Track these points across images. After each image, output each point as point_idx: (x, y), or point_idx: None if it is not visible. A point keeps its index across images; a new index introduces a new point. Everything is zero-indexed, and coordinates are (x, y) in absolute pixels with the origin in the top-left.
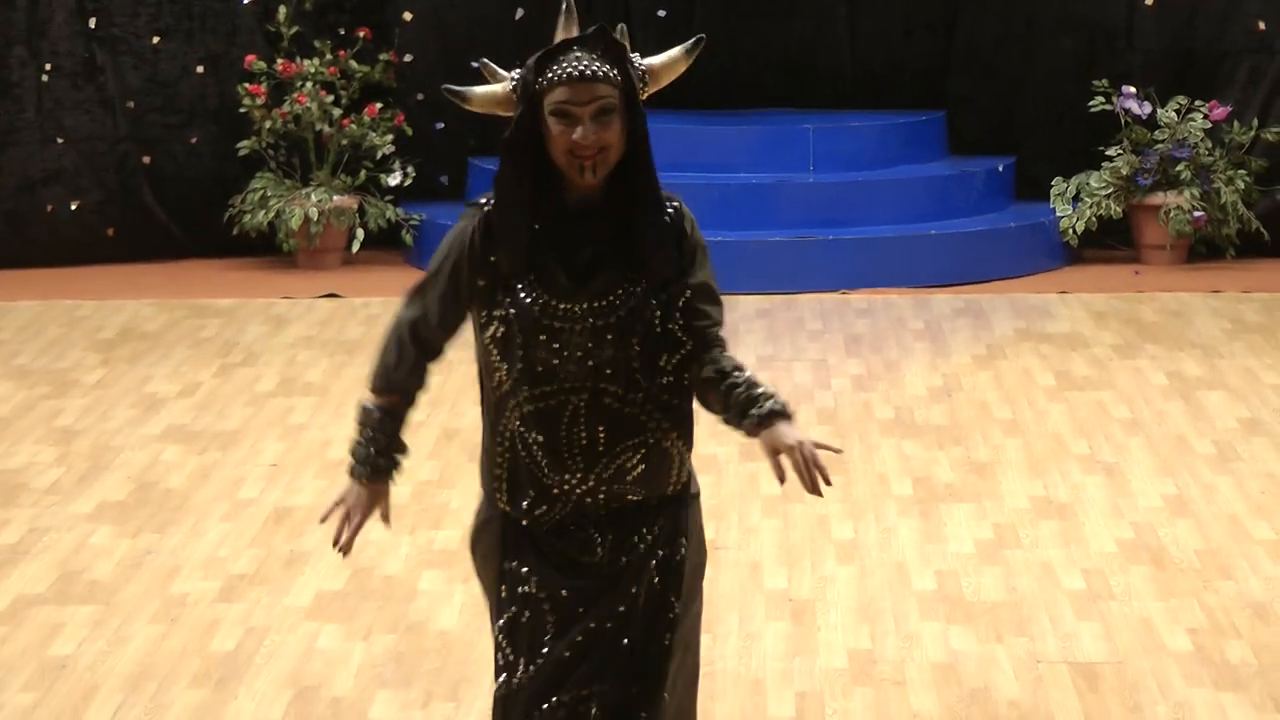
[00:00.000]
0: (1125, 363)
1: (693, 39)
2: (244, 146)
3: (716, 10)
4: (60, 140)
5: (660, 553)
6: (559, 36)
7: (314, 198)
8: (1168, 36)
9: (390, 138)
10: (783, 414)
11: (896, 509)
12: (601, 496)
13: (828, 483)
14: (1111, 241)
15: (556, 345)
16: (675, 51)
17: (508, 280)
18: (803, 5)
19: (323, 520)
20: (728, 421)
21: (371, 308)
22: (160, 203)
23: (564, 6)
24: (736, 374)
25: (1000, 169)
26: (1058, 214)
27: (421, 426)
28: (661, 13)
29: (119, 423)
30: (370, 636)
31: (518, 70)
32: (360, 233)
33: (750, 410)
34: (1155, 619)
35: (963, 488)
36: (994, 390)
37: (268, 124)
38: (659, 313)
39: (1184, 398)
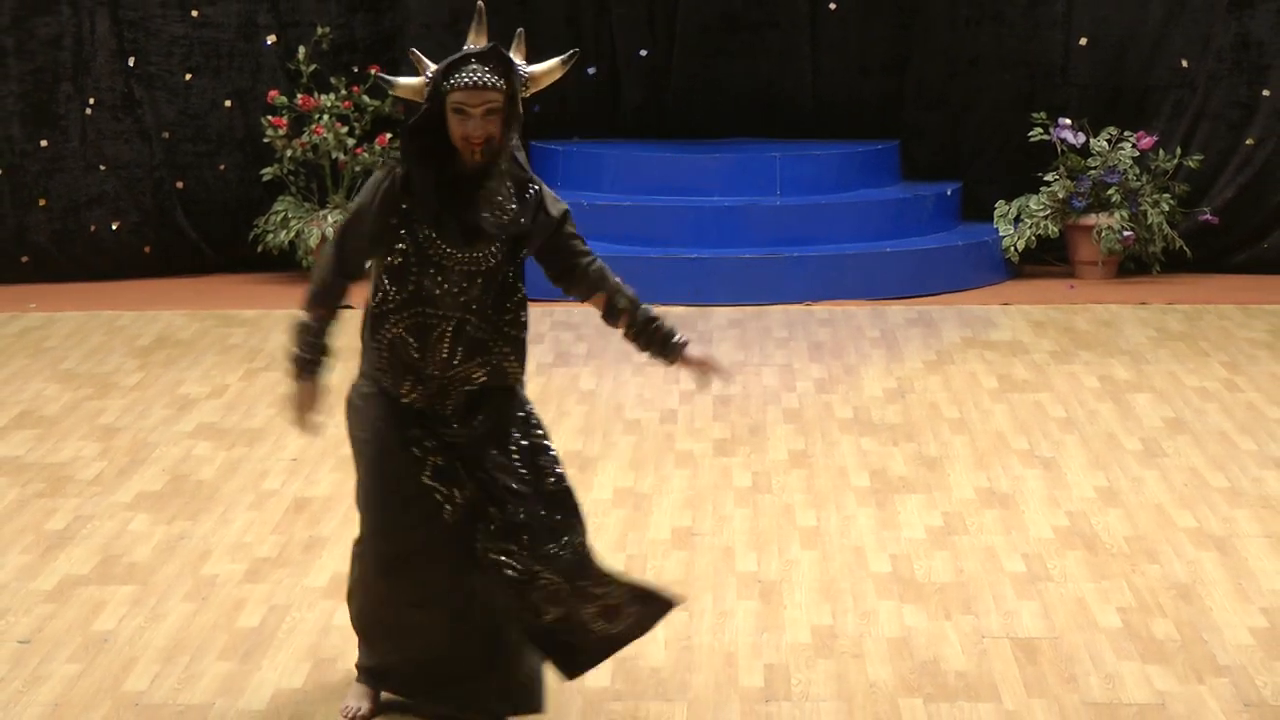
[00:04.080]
0: (1061, 367)
1: (568, 53)
2: (267, 173)
3: (693, 50)
4: (102, 167)
5: (518, 415)
6: (469, 38)
7: (330, 219)
8: (1100, 73)
9: None
10: (686, 344)
11: (855, 499)
12: (450, 387)
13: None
14: (1049, 258)
15: (440, 279)
16: (553, 61)
17: (411, 223)
18: (771, 46)
19: (299, 425)
20: (642, 348)
21: None
22: (192, 223)
23: (476, 15)
24: (645, 311)
25: (949, 193)
26: (1000, 233)
27: None
28: (644, 52)
29: (155, 421)
30: None
31: (432, 68)
32: None
33: (668, 344)
34: (1088, 598)
35: (915, 480)
36: (943, 392)
37: (288, 153)
38: (510, 269)
39: (1114, 399)
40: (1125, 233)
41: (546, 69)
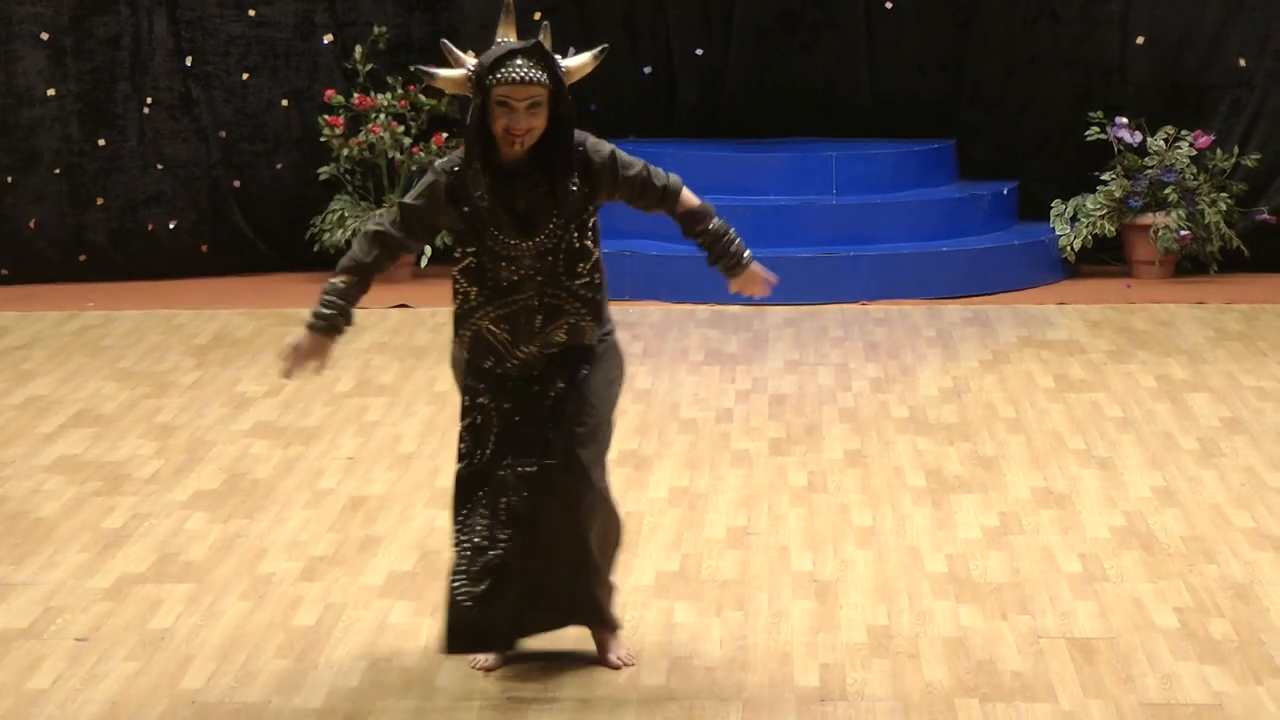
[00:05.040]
0: (1118, 367)
1: (599, 47)
2: (324, 172)
3: (749, 49)
4: (160, 166)
5: (569, 372)
6: (499, 31)
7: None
8: (1157, 72)
9: None
10: (750, 264)
11: (911, 499)
12: (536, 354)
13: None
14: (1105, 258)
15: (514, 268)
16: (586, 56)
17: (475, 225)
18: (827, 45)
19: (285, 374)
20: (713, 258)
21: (438, 317)
22: (248, 222)
23: (504, 8)
24: (717, 224)
25: (1005, 192)
26: (1057, 233)
27: None
28: (699, 51)
29: (212, 419)
30: (437, 613)
31: (473, 60)
32: (428, 249)
33: (739, 259)
34: (1145, 598)
35: (970, 479)
36: (999, 392)
37: (345, 151)
38: (576, 234)
39: (1171, 399)
40: (1182, 232)
41: (580, 63)
